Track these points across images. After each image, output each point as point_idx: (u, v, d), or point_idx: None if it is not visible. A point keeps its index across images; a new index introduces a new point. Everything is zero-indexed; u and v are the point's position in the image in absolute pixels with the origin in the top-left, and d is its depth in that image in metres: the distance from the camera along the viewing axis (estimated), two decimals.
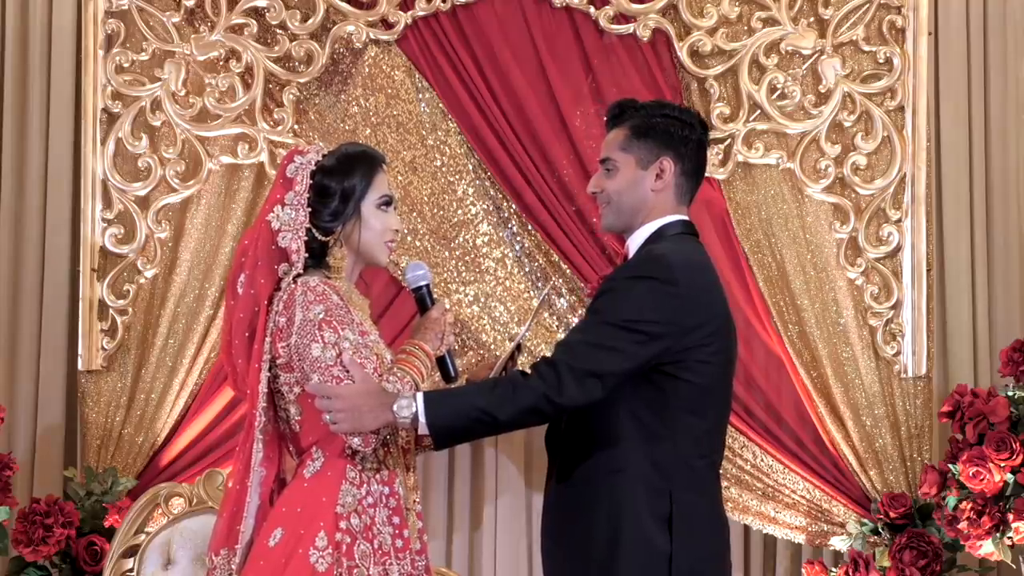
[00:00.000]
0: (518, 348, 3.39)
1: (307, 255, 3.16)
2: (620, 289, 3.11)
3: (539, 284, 4.98)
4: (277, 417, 3.22)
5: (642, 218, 3.24)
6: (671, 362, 3.09)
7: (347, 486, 3.12)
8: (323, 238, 3.19)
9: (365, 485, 3.14)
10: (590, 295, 3.31)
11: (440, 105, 5.01)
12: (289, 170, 3.20)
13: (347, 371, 3.05)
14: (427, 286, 3.31)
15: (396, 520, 3.17)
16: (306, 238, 3.16)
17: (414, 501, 3.24)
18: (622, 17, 5.00)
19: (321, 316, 3.08)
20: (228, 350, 3.22)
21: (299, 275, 3.15)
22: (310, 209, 3.17)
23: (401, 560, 3.16)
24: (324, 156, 3.23)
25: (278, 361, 3.13)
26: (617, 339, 3.05)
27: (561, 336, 4.94)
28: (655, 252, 3.16)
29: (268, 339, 3.12)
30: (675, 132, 3.23)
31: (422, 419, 3.03)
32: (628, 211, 3.24)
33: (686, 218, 3.26)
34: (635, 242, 3.24)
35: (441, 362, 3.28)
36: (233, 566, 3.14)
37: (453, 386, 3.39)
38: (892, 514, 4.80)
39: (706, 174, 4.83)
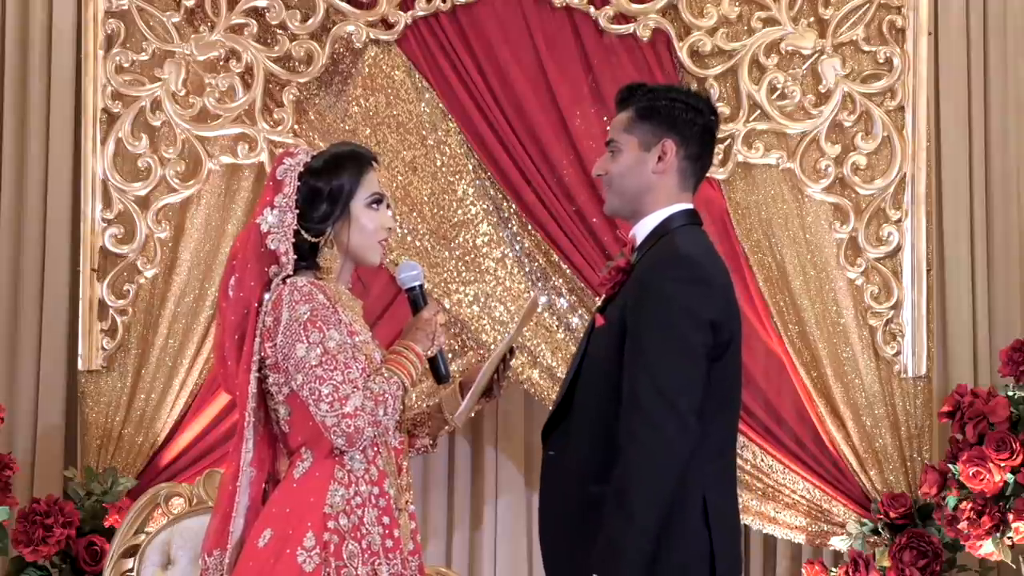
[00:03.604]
0: (511, 351, 3.37)
1: (297, 257, 3.16)
2: (659, 298, 3.06)
3: (539, 284, 4.98)
4: (268, 418, 3.22)
5: (645, 203, 3.19)
6: (710, 360, 3.06)
7: (335, 486, 3.12)
8: (313, 239, 3.19)
9: (353, 485, 3.14)
10: (600, 283, 3.27)
11: (440, 105, 5.01)
12: (279, 172, 3.20)
13: (332, 370, 3.05)
14: (420, 286, 3.30)
15: (386, 520, 3.17)
16: (295, 240, 3.16)
17: (406, 502, 3.23)
18: (622, 17, 5.00)
19: (306, 316, 3.08)
20: (221, 352, 3.22)
21: (288, 276, 3.15)
22: (299, 211, 3.17)
23: (391, 560, 3.15)
24: (313, 157, 3.23)
25: (267, 361, 3.13)
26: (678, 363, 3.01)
27: (561, 336, 4.95)
28: (679, 251, 3.11)
29: (258, 340, 3.12)
30: (679, 115, 3.18)
31: None
32: (630, 194, 3.20)
33: (690, 207, 3.21)
34: (641, 231, 3.20)
35: (433, 363, 3.27)
36: (224, 567, 3.15)
37: (446, 389, 3.38)
38: (892, 514, 4.79)
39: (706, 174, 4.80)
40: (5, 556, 4.76)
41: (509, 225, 5.01)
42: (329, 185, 3.20)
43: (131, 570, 4.68)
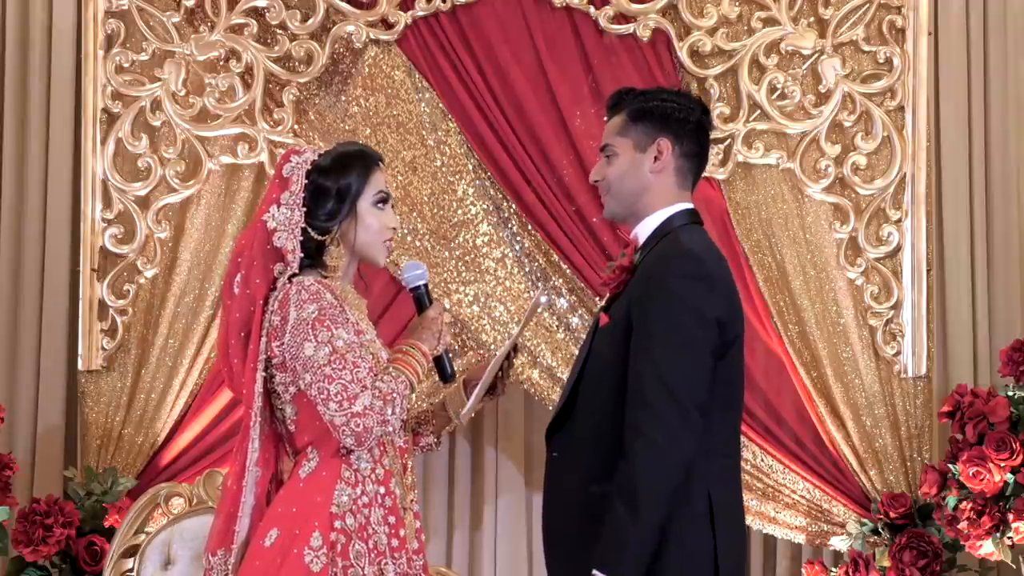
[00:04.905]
0: (515, 349, 3.38)
1: (303, 255, 3.16)
2: (664, 294, 3.06)
3: (539, 284, 4.98)
4: (273, 417, 3.22)
5: (645, 204, 3.20)
6: (715, 358, 3.07)
7: (342, 486, 3.12)
8: (319, 237, 3.19)
9: (360, 485, 3.14)
10: (604, 283, 3.27)
11: (440, 105, 5.01)
12: (285, 169, 3.20)
13: (340, 370, 3.05)
14: (425, 286, 3.31)
15: (392, 519, 3.17)
16: (302, 238, 3.16)
17: (411, 500, 3.23)
18: (622, 17, 5.00)
19: (314, 315, 3.08)
20: (225, 350, 3.22)
21: (294, 275, 3.15)
22: (306, 208, 3.17)
23: (397, 560, 3.16)
24: (320, 156, 3.24)
25: (273, 361, 3.13)
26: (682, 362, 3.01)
27: (561, 336, 4.95)
28: (684, 248, 3.11)
29: (264, 339, 3.12)
30: (672, 113, 3.19)
31: None
32: (629, 196, 3.21)
33: (691, 206, 3.22)
34: (643, 231, 3.20)
35: (438, 362, 3.28)
36: (229, 566, 3.15)
37: (449, 388, 3.38)
38: (892, 514, 4.80)
39: (706, 174, 4.85)
40: (5, 556, 4.76)
41: (509, 225, 5.01)
42: (337, 184, 3.20)
43: (131, 570, 4.68)
